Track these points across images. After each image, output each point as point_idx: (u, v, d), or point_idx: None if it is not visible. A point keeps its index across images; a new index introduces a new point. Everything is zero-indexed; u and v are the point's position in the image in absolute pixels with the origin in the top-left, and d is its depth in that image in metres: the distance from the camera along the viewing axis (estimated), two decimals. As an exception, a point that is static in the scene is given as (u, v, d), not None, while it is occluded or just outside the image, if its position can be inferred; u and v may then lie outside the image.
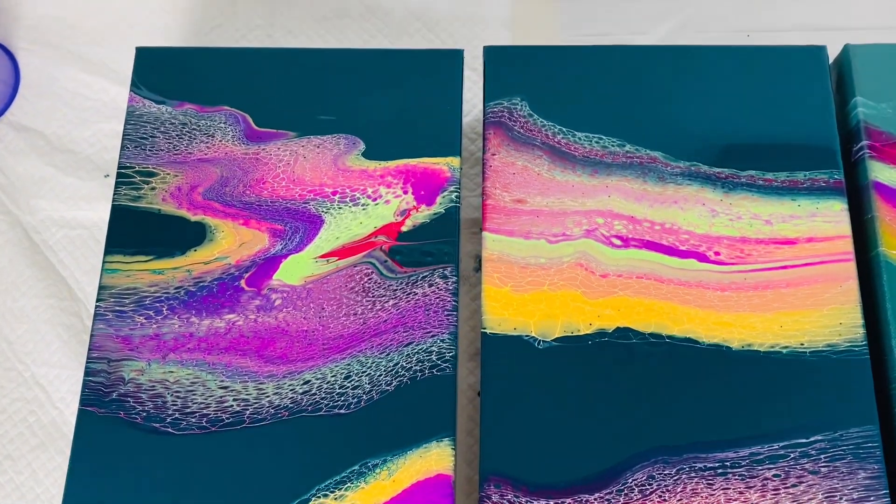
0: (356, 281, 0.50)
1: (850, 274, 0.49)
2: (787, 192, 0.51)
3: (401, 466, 0.46)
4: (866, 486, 0.45)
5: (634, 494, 0.45)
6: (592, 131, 0.53)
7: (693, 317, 0.48)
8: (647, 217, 0.51)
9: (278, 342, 0.49)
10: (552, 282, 0.50)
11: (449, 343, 0.48)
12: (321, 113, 0.54)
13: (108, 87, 0.62)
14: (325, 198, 0.52)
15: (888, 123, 0.52)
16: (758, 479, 0.45)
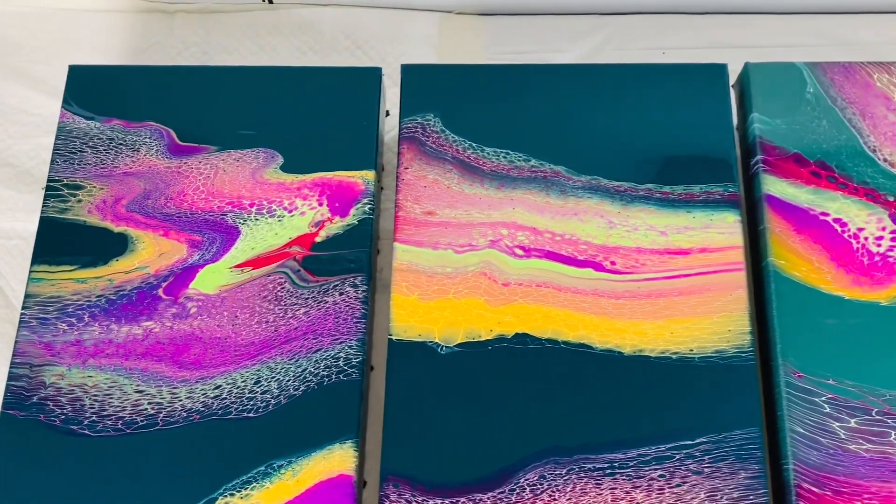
0: (269, 290, 0.52)
1: (740, 283, 0.51)
2: (683, 204, 0.53)
3: (304, 467, 0.48)
4: (746, 486, 0.47)
5: (526, 494, 0.47)
6: (500, 146, 0.55)
7: (588, 323, 0.51)
8: (548, 228, 0.53)
9: (192, 348, 0.51)
10: (457, 290, 0.52)
11: (356, 349, 0.50)
12: (242, 128, 0.56)
13: (49, 103, 0.64)
14: (243, 209, 0.54)
15: (782, 139, 0.54)
16: (644, 480, 0.47)
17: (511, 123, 0.56)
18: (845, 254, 0.51)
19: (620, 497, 0.47)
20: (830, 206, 0.52)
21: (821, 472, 0.46)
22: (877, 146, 0.53)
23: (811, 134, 0.54)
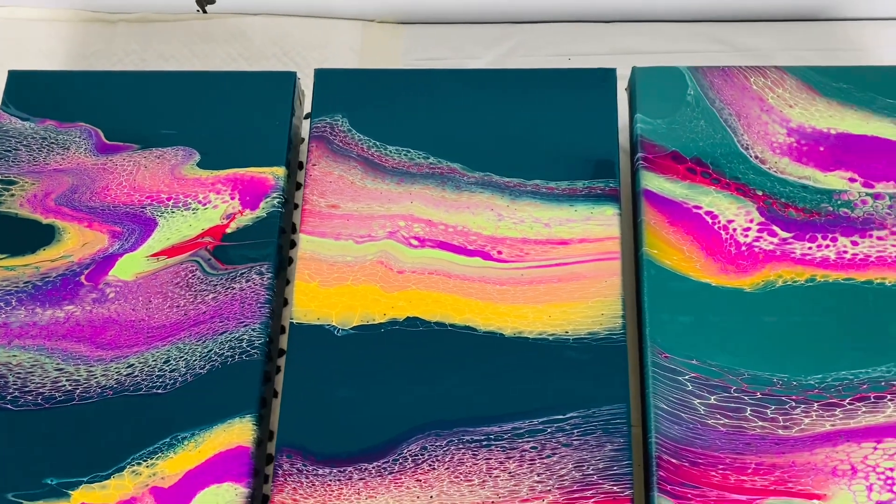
0: (182, 277, 0.56)
1: (615, 271, 0.55)
2: (567, 198, 0.57)
3: (206, 439, 0.52)
4: (612, 458, 0.50)
5: (408, 463, 0.51)
6: (402, 145, 0.59)
7: (473, 307, 0.54)
8: (442, 220, 0.57)
9: (109, 330, 0.55)
10: (355, 277, 0.56)
11: (259, 332, 0.54)
12: (164, 128, 0.60)
13: (-5, 107, 0.69)
14: (161, 203, 0.58)
15: (662, 138, 0.58)
16: (517, 451, 0.51)
17: (413, 124, 0.60)
18: (714, 244, 0.55)
19: (495, 467, 0.51)
20: (703, 199, 0.56)
21: (680, 445, 0.50)
22: (749, 144, 0.57)
23: (689, 133, 0.58)
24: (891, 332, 0.52)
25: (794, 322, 0.52)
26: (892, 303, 0.52)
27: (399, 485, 0.50)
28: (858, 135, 0.57)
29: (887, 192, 0.55)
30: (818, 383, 0.51)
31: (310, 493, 0.50)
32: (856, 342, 0.52)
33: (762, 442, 0.50)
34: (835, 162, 0.56)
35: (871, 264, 0.54)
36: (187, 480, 0.51)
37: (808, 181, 0.56)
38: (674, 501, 0.49)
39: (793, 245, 0.54)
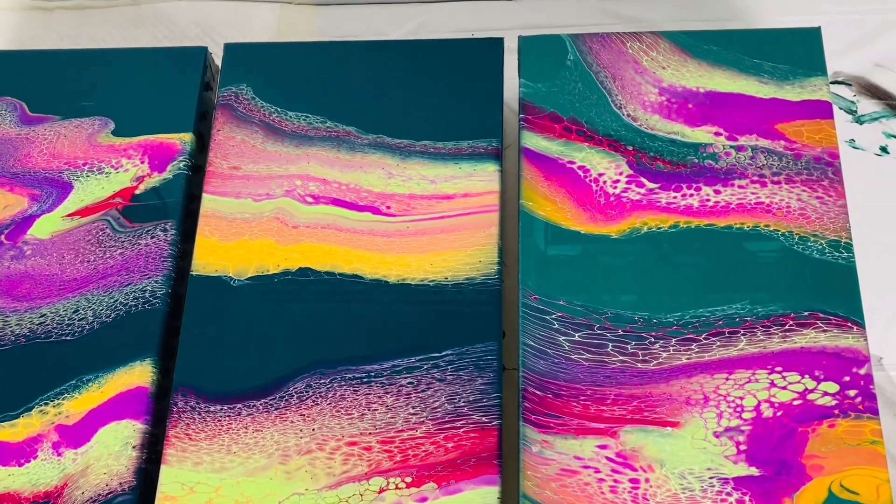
0: (93, 235, 0.60)
1: (493, 222, 0.58)
2: (452, 157, 0.60)
3: (109, 381, 0.56)
4: (482, 391, 0.54)
5: (293, 400, 0.54)
6: (302, 111, 0.63)
7: (361, 258, 0.58)
8: (336, 179, 0.61)
9: (24, 284, 0.59)
10: (252, 233, 0.59)
11: (161, 283, 0.58)
12: (84, 100, 0.65)
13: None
14: (77, 168, 0.62)
15: (542, 100, 0.61)
16: (395, 387, 0.54)
17: (313, 92, 0.64)
18: (585, 195, 0.58)
19: (373, 401, 0.54)
20: (577, 155, 0.59)
21: (545, 378, 0.53)
22: (623, 103, 0.61)
23: (567, 95, 0.61)
24: (746, 273, 0.55)
25: (657, 265, 0.56)
26: (748, 246, 0.56)
27: (284, 419, 0.54)
28: (725, 92, 0.60)
29: (749, 145, 0.59)
30: (677, 320, 0.54)
31: (202, 427, 0.54)
32: (713, 283, 0.55)
33: (622, 375, 0.53)
34: (702, 118, 0.60)
35: (732, 211, 0.57)
36: (90, 418, 0.55)
37: (676, 136, 0.59)
38: (537, 430, 0.52)
39: (659, 195, 0.58)
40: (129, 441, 0.54)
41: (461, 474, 0.52)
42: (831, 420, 0.51)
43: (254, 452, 0.53)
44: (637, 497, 0.50)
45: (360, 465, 0.53)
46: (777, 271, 0.55)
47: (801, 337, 0.53)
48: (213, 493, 0.52)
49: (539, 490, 0.51)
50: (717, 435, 0.51)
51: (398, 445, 0.53)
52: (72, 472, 0.54)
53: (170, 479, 0.53)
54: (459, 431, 0.53)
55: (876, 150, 0.67)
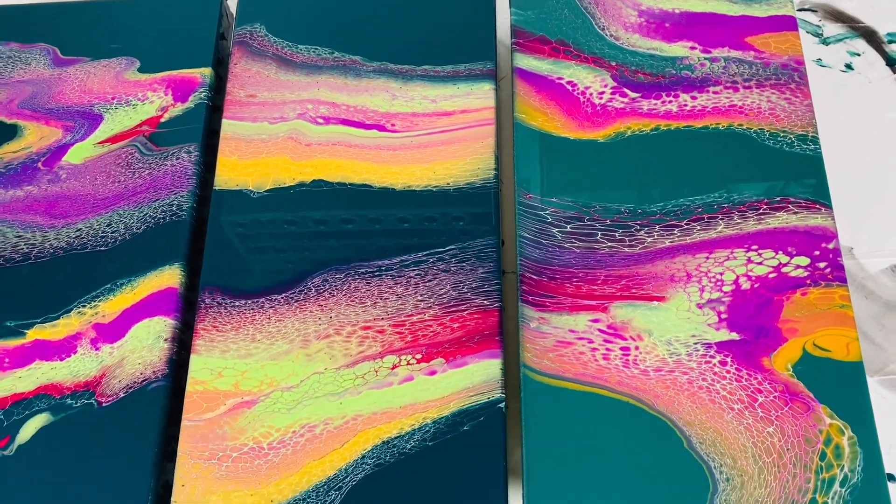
0: (123, 159, 0.65)
1: (490, 134, 0.63)
2: (451, 79, 0.66)
3: (141, 283, 0.61)
4: (483, 279, 0.58)
5: (311, 293, 0.59)
6: (311, 44, 0.68)
7: (370, 170, 0.63)
8: (344, 102, 0.66)
9: (61, 204, 0.64)
10: (269, 151, 0.64)
11: (187, 198, 0.63)
12: (111, 43, 0.70)
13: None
14: (107, 101, 0.68)
15: (532, 25, 0.67)
16: (404, 278, 0.59)
17: (320, 27, 0.69)
18: (573, 106, 0.63)
19: (385, 291, 0.59)
20: (565, 72, 0.64)
21: (541, 264, 0.58)
22: (605, 26, 0.66)
23: (555, 20, 0.67)
24: (722, 167, 0.60)
25: (641, 164, 0.61)
26: (723, 143, 0.61)
27: (304, 310, 0.59)
28: (698, 12, 0.66)
29: (721, 56, 0.64)
30: (660, 209, 0.59)
31: (227, 320, 0.59)
32: (692, 176, 0.60)
33: (610, 258, 0.58)
34: (678, 35, 0.65)
35: (707, 113, 0.62)
36: (124, 317, 0.60)
37: (655, 51, 0.65)
38: (535, 309, 0.57)
39: (640, 103, 0.63)
40: (161, 335, 0.59)
41: (466, 350, 0.56)
42: (804, 289, 0.56)
43: (276, 339, 0.58)
44: (628, 362, 0.55)
45: (374, 346, 0.57)
46: (750, 164, 0.60)
47: (773, 219, 0.58)
48: (240, 375, 0.57)
49: (538, 360, 0.55)
50: (699, 306, 0.56)
51: (408, 328, 0.58)
52: (109, 363, 0.59)
53: (199, 365, 0.57)
54: (464, 314, 0.58)
55: (841, 67, 0.72)
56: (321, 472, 0.54)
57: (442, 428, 0.55)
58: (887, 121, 0.69)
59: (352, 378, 0.56)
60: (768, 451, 0.52)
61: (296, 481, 0.54)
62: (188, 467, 0.55)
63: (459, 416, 0.55)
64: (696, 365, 0.54)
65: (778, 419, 0.52)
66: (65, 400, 0.58)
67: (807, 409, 0.53)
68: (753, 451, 0.52)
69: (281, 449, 0.55)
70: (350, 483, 0.54)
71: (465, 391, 0.55)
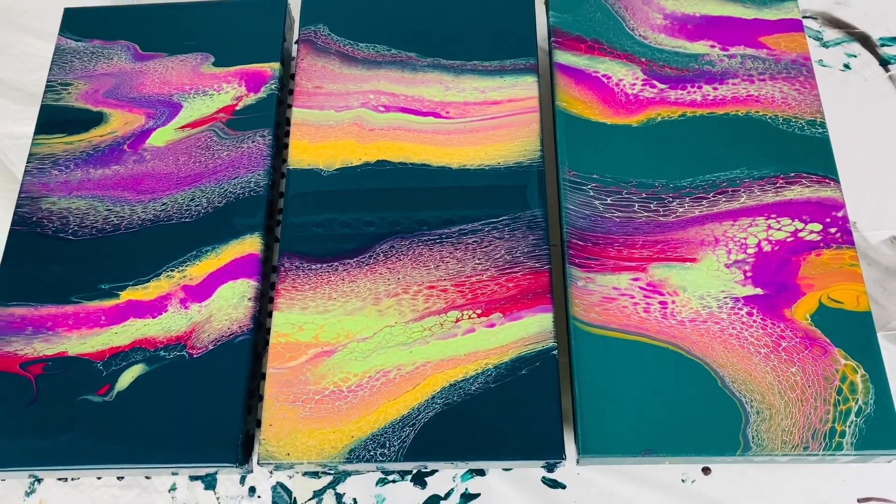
0: (202, 142, 0.72)
1: (535, 120, 0.71)
2: (498, 72, 0.73)
3: (224, 250, 0.67)
4: (534, 244, 0.65)
5: (380, 257, 0.66)
6: (370, 42, 0.76)
7: (428, 151, 0.70)
8: (402, 93, 0.73)
9: (146, 181, 0.71)
10: (336, 135, 0.72)
11: (263, 176, 0.70)
12: (187, 41, 0.77)
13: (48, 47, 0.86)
14: (185, 92, 0.75)
15: (569, 26, 0.75)
16: (462, 244, 0.66)
17: (379, 26, 0.77)
18: (609, 96, 0.71)
19: (446, 256, 0.65)
20: (600, 66, 0.72)
21: (585, 231, 0.65)
22: (634, 27, 0.74)
23: (589, 22, 0.75)
24: (742, 147, 0.68)
25: (670, 145, 0.68)
26: (742, 127, 0.68)
27: (374, 272, 0.65)
28: (717, 16, 0.74)
29: (738, 53, 0.72)
30: (689, 184, 0.66)
31: (305, 281, 0.65)
32: (716, 155, 0.68)
33: (647, 226, 0.65)
34: (699, 35, 0.73)
35: (728, 102, 0.70)
36: (211, 279, 0.66)
37: (679, 49, 0.73)
38: (581, 269, 0.64)
39: (668, 93, 0.71)
40: (245, 294, 0.65)
41: (521, 305, 0.63)
42: (818, 251, 0.63)
43: (350, 297, 0.64)
44: (666, 314, 0.62)
45: (438, 302, 0.64)
46: (767, 145, 0.68)
47: (789, 192, 0.66)
48: (319, 329, 0.63)
49: (585, 313, 0.62)
50: (727, 266, 0.63)
51: (469, 287, 0.64)
52: (198, 320, 0.65)
53: (281, 321, 0.64)
54: (518, 274, 0.64)
55: (840, 66, 0.81)
56: (396, 411, 0.60)
57: (502, 372, 0.61)
58: (881, 111, 0.77)
59: (420, 330, 0.63)
60: (792, 387, 0.59)
61: (373, 419, 0.60)
62: (274, 409, 0.61)
63: (518, 362, 0.61)
64: (727, 316, 0.61)
65: (800, 361, 0.60)
66: (158, 352, 0.64)
67: (824, 353, 0.60)
68: (779, 388, 0.59)
69: (359, 392, 0.61)
70: (422, 420, 0.60)
71: (522, 340, 0.62)
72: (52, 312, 0.66)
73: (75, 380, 0.63)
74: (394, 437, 0.60)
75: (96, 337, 0.65)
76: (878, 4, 0.83)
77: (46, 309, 0.66)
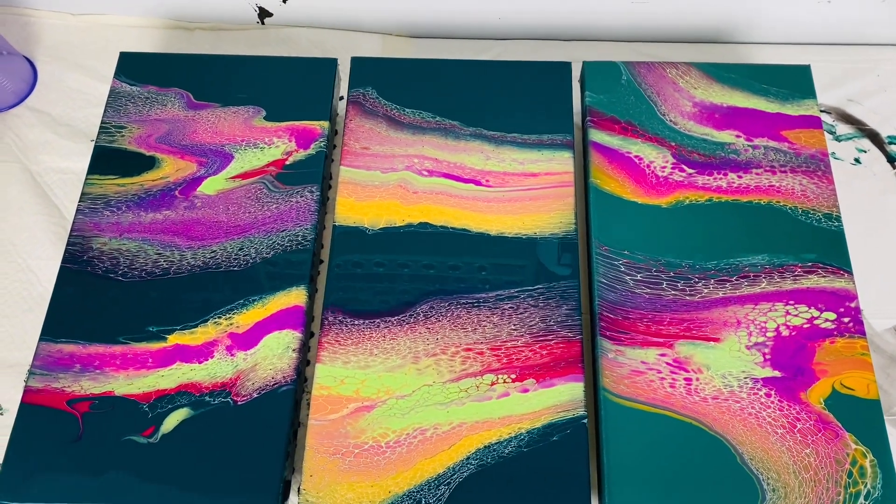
0: (252, 193, 0.75)
1: (570, 194, 0.75)
2: (536, 146, 0.78)
3: (271, 301, 0.70)
4: (567, 315, 0.69)
5: (420, 317, 0.69)
6: (416, 108, 0.80)
7: (468, 217, 0.74)
8: (446, 159, 0.77)
9: (196, 228, 0.73)
10: (381, 196, 0.75)
11: (310, 230, 0.73)
12: (239, 93, 0.80)
13: (97, 86, 0.89)
14: (236, 143, 0.78)
15: (604, 107, 0.79)
16: (499, 310, 0.69)
17: (424, 94, 0.81)
18: (640, 177, 0.75)
19: (483, 320, 0.69)
20: (632, 148, 0.77)
21: (616, 305, 0.69)
22: (665, 112, 0.79)
23: (623, 105, 0.79)
24: (763, 235, 0.72)
25: (697, 228, 0.73)
26: (765, 215, 0.73)
27: (413, 331, 0.68)
28: (742, 107, 0.79)
29: (762, 145, 0.77)
30: (714, 266, 0.71)
31: (347, 336, 0.68)
32: (739, 241, 0.72)
33: (674, 304, 0.69)
34: (726, 124, 0.78)
35: (751, 190, 0.74)
36: (257, 328, 0.69)
37: (707, 136, 0.77)
38: (612, 342, 0.67)
39: (696, 178, 0.75)
40: (289, 346, 0.68)
41: (554, 373, 0.66)
42: (832, 338, 0.67)
43: (391, 355, 0.67)
44: (690, 391, 0.65)
45: (475, 365, 0.67)
46: (787, 234, 0.72)
47: (806, 280, 0.70)
48: (360, 384, 0.66)
49: (615, 385, 0.66)
50: (748, 348, 0.67)
51: (504, 352, 0.68)
52: (243, 368, 0.67)
53: (324, 373, 0.66)
54: (551, 343, 0.68)
55: (851, 160, 0.86)
56: (432, 469, 0.63)
57: (535, 437, 0.64)
58: (888, 205, 0.83)
59: (456, 391, 0.66)
60: (806, 468, 0.63)
61: (410, 476, 0.63)
62: (315, 460, 0.63)
63: (549, 428, 0.65)
64: (746, 395, 0.65)
65: (813, 443, 0.63)
66: (203, 397, 0.66)
67: (836, 436, 0.64)
68: (794, 468, 0.63)
69: (397, 448, 0.64)
70: (457, 479, 0.63)
71: (554, 407, 0.65)
72: (100, 351, 0.68)
73: (121, 420, 0.65)
74: (429, 494, 0.62)
75: (143, 378, 0.67)
76: (888, 104, 0.89)
77: (94, 348, 0.69)
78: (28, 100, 0.91)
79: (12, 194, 0.85)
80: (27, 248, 0.82)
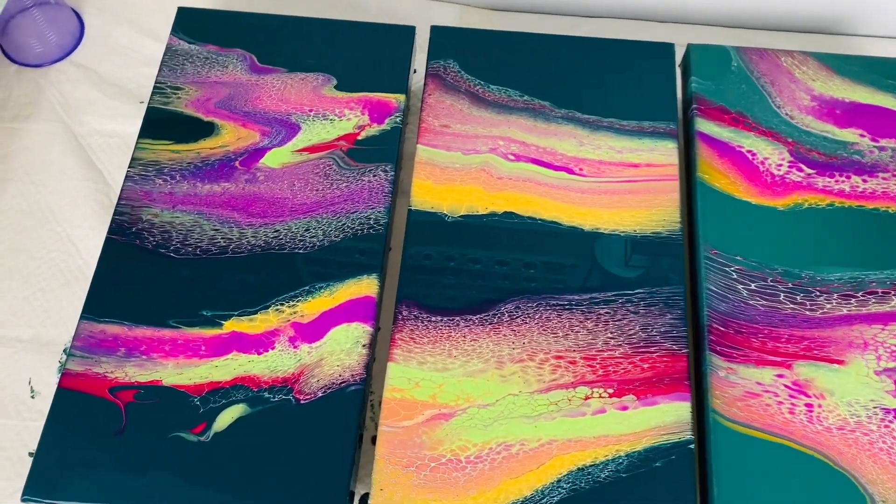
0: (320, 169, 0.68)
1: (674, 189, 0.67)
2: (636, 133, 0.70)
3: (339, 289, 0.63)
4: (670, 324, 0.62)
5: (504, 318, 0.62)
6: (502, 85, 0.72)
7: (559, 208, 0.66)
8: (534, 143, 0.69)
9: (258, 204, 0.66)
10: (462, 179, 0.68)
11: (383, 214, 0.66)
12: (308, 58, 0.73)
13: (149, 43, 0.82)
14: (304, 113, 0.71)
15: (711, 94, 0.72)
16: (593, 314, 0.62)
17: (511, 70, 0.73)
18: (753, 174, 0.68)
19: (575, 325, 0.61)
20: (744, 141, 0.69)
21: (727, 317, 0.61)
22: (781, 104, 0.71)
23: (733, 93, 0.72)
24: (891, 247, 0.64)
25: (817, 234, 0.65)
26: (893, 225, 0.65)
27: (497, 332, 0.61)
28: (867, 104, 0.71)
29: (889, 146, 0.69)
30: (837, 279, 0.63)
31: (424, 333, 0.61)
32: (866, 252, 0.64)
33: (793, 319, 0.61)
34: (848, 122, 0.70)
35: (878, 197, 0.67)
36: (323, 319, 0.61)
37: (828, 134, 0.70)
38: (723, 359, 0.60)
39: (816, 179, 0.67)
40: (359, 340, 0.61)
41: (657, 390, 0.59)
42: (973, 368, 0.60)
43: (472, 357, 0.60)
44: (812, 418, 0.58)
45: (566, 375, 0.60)
46: (919, 248, 0.65)
47: (942, 301, 0.62)
48: (437, 388, 0.59)
49: (727, 407, 0.58)
50: (877, 373, 0.59)
51: (600, 362, 0.60)
52: (308, 362, 0.60)
53: (397, 374, 0.59)
54: (653, 355, 0.60)
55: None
56: (518, 490, 0.56)
57: (635, 462, 0.57)
58: None
59: (545, 404, 0.59)
60: (946, 516, 0.55)
61: (493, 497, 0.55)
62: (387, 472, 0.56)
63: (651, 453, 0.57)
64: (876, 427, 0.58)
65: (954, 487, 0.56)
66: (262, 393, 0.59)
67: (980, 481, 0.56)
68: (933, 515, 0.55)
69: (478, 464, 0.57)
70: (547, 505, 0.56)
71: (657, 429, 0.58)
72: (148, 335, 0.61)
73: (168, 413, 0.58)
74: (515, 519, 0.55)
75: (195, 368, 0.60)
76: None
77: (141, 330, 0.61)
78: (73, 55, 0.84)
79: (53, 156, 0.78)
80: (67, 216, 0.75)
